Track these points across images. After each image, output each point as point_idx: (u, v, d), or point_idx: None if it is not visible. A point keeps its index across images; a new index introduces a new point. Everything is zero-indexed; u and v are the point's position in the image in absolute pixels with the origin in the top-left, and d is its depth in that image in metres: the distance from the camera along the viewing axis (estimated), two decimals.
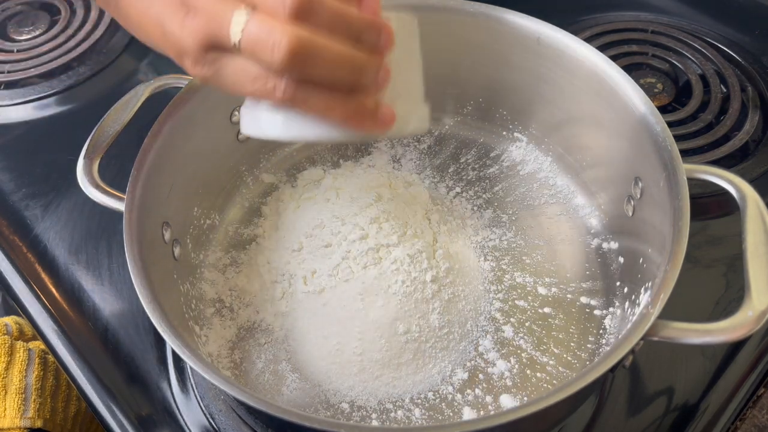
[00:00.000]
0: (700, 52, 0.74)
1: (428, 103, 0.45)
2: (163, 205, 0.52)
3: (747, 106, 0.69)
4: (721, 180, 0.46)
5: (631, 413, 0.52)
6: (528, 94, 0.61)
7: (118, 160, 0.51)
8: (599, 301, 0.55)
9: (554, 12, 0.62)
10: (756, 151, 0.66)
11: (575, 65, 0.55)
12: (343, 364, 0.51)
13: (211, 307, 0.55)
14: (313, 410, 0.50)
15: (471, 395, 0.50)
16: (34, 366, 0.60)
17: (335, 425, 0.38)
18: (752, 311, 0.39)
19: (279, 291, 0.55)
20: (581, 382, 0.39)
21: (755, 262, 0.41)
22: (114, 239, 0.63)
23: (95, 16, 0.83)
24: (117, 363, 0.56)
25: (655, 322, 0.40)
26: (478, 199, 0.62)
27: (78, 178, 0.50)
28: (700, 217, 0.60)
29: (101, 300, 0.59)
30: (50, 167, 0.69)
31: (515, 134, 0.65)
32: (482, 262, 0.58)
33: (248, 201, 0.63)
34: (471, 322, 0.54)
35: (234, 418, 0.53)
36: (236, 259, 0.58)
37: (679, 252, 0.42)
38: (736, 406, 0.52)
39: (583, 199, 0.61)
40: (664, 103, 0.71)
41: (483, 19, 0.58)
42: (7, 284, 0.62)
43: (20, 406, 0.57)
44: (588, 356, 0.52)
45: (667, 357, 0.54)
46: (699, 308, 0.56)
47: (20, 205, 0.67)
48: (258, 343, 0.54)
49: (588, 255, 0.58)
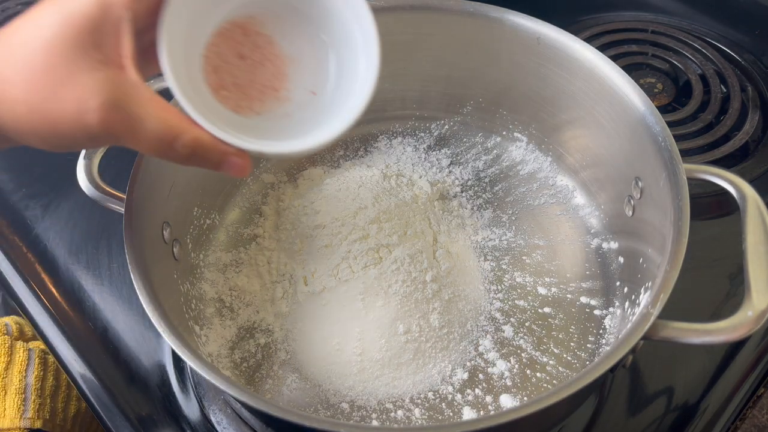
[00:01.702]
0: (700, 52, 0.74)
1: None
2: (163, 205, 0.52)
3: (747, 106, 0.69)
4: (721, 180, 0.46)
5: (631, 413, 0.52)
6: (528, 94, 0.61)
7: (118, 160, 0.51)
8: (599, 301, 0.55)
9: (554, 12, 0.62)
10: (756, 151, 0.66)
11: (575, 65, 0.55)
12: (343, 364, 0.51)
13: (211, 307, 0.55)
14: (313, 410, 0.50)
15: (471, 395, 0.50)
16: (34, 366, 0.60)
17: (335, 425, 0.38)
18: (752, 311, 0.39)
19: (279, 291, 0.55)
20: (581, 382, 0.39)
21: (755, 262, 0.41)
22: (114, 239, 0.63)
23: None
24: (117, 363, 0.56)
25: (655, 322, 0.40)
26: (478, 199, 0.62)
27: (78, 178, 0.50)
28: (700, 217, 0.60)
29: (101, 300, 0.59)
30: (50, 167, 0.69)
31: (515, 134, 0.65)
32: (482, 262, 0.58)
33: (248, 201, 0.63)
34: (471, 322, 0.54)
35: (234, 418, 0.53)
36: (236, 259, 0.58)
37: (679, 252, 0.42)
38: (736, 406, 0.52)
39: (583, 199, 0.61)
40: (664, 103, 0.71)
41: (483, 19, 0.58)
42: (7, 284, 0.62)
43: (20, 407, 0.57)
44: (588, 356, 0.52)
45: (667, 357, 0.54)
46: (699, 308, 0.56)
47: (20, 205, 0.67)
48: (258, 343, 0.54)
49: (588, 255, 0.58)
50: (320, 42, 0.44)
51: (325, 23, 0.44)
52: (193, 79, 0.40)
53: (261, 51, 0.44)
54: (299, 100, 0.44)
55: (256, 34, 0.43)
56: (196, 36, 0.41)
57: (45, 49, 0.35)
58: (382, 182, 0.60)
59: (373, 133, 0.67)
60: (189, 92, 0.38)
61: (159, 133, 0.36)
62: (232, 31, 0.43)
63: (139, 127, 0.36)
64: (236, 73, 0.43)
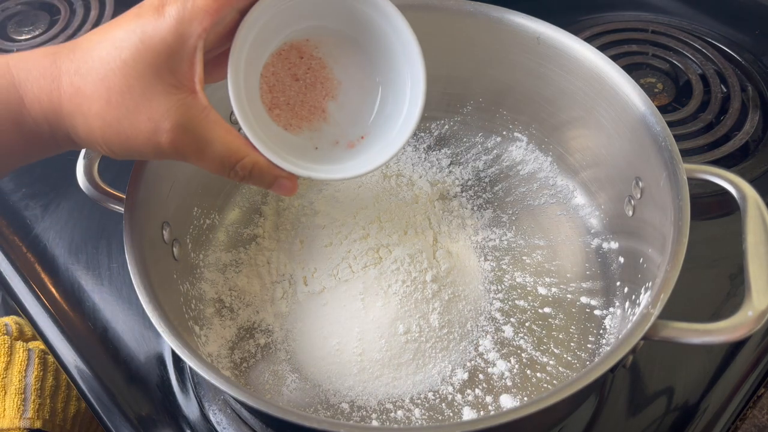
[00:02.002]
0: (700, 52, 0.74)
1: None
2: (163, 205, 0.52)
3: (747, 106, 0.69)
4: (722, 180, 0.46)
5: (631, 413, 0.52)
6: (528, 94, 0.61)
7: (118, 161, 0.51)
8: (599, 301, 0.55)
9: (554, 12, 0.62)
10: (756, 151, 0.66)
11: (575, 65, 0.55)
12: (343, 364, 0.51)
13: (211, 307, 0.55)
14: (313, 410, 0.50)
15: (471, 395, 0.50)
16: (34, 366, 0.60)
17: (335, 425, 0.38)
18: (752, 311, 0.39)
19: (279, 291, 0.55)
20: (581, 382, 0.39)
21: (755, 262, 0.41)
22: (114, 239, 0.63)
23: (95, 16, 0.83)
24: (117, 363, 0.56)
25: (656, 322, 0.40)
26: (478, 199, 0.62)
27: (78, 178, 0.50)
28: (700, 217, 0.60)
29: (101, 300, 0.59)
30: (50, 167, 0.69)
31: (515, 134, 0.65)
32: (482, 262, 0.58)
33: (248, 201, 0.63)
34: (471, 322, 0.54)
35: (234, 418, 0.53)
36: (236, 259, 0.58)
37: (679, 252, 0.42)
38: (736, 406, 0.52)
39: (583, 199, 0.61)
40: (664, 103, 0.71)
41: (483, 19, 0.58)
42: (7, 284, 0.62)
43: (19, 407, 0.57)
44: (588, 356, 0.52)
45: (667, 357, 0.54)
46: (699, 308, 0.56)
47: (20, 205, 0.66)
48: (258, 343, 0.54)
49: (588, 255, 0.58)
50: (369, 72, 0.47)
51: (378, 58, 0.46)
52: (251, 99, 0.43)
53: (314, 73, 0.46)
54: (343, 125, 0.47)
55: (310, 57, 0.46)
56: (257, 59, 0.44)
57: (123, 70, 0.37)
58: (382, 182, 0.60)
59: None
60: (250, 119, 0.41)
61: (223, 155, 0.40)
62: (289, 53, 0.45)
63: (206, 150, 0.39)
64: (289, 93, 0.46)
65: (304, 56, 0.46)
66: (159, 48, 0.37)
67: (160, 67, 0.37)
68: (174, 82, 0.38)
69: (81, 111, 0.38)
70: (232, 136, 0.40)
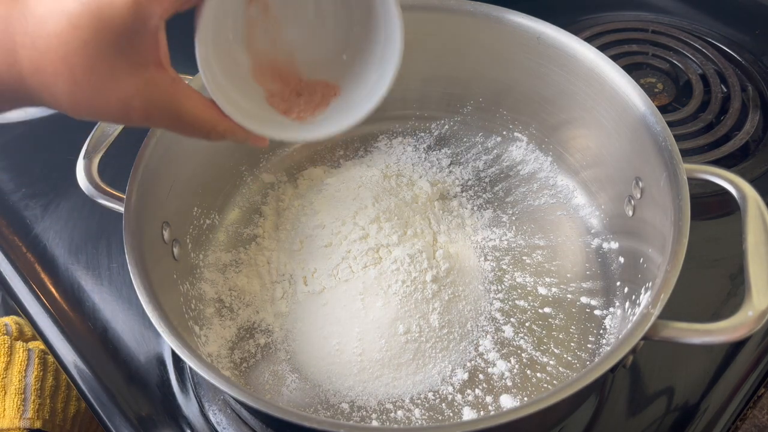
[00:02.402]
0: (700, 52, 0.74)
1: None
2: (163, 205, 0.52)
3: (747, 106, 0.69)
4: (722, 180, 0.46)
5: (631, 413, 0.52)
6: (528, 94, 0.61)
7: (118, 160, 0.51)
8: (599, 301, 0.55)
9: (554, 12, 0.62)
10: (756, 151, 0.66)
11: (575, 65, 0.55)
12: (343, 364, 0.51)
13: (211, 307, 0.55)
14: (313, 410, 0.50)
15: (471, 395, 0.50)
16: (34, 366, 0.60)
17: (335, 425, 0.38)
18: (752, 311, 0.39)
19: (279, 291, 0.55)
20: (581, 382, 0.39)
21: (755, 262, 0.41)
22: (114, 239, 0.63)
23: None
24: (117, 363, 0.56)
25: (656, 322, 0.40)
26: (478, 199, 0.62)
27: (78, 178, 0.50)
28: (700, 217, 0.60)
29: (101, 300, 0.59)
30: (50, 167, 0.69)
31: (515, 134, 0.65)
32: (482, 262, 0.58)
33: (248, 201, 0.63)
34: (471, 322, 0.54)
35: (234, 418, 0.53)
36: (236, 259, 0.58)
37: (679, 252, 0.42)
38: (736, 406, 0.52)
39: (583, 199, 0.61)
40: (665, 103, 0.71)
41: (483, 19, 0.58)
42: (7, 284, 0.62)
43: (19, 407, 0.57)
44: (588, 356, 0.52)
45: (667, 357, 0.54)
46: (699, 308, 0.56)
47: (20, 205, 0.66)
48: (258, 343, 0.54)
49: (588, 255, 0.58)
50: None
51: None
52: (222, 62, 0.43)
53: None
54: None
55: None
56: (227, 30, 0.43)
57: (84, 50, 0.35)
58: (382, 182, 0.60)
59: (373, 133, 0.67)
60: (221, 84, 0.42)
61: (195, 125, 0.41)
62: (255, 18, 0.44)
63: (178, 122, 0.40)
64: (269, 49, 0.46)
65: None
66: (119, 29, 0.35)
67: (123, 46, 0.36)
68: (139, 59, 0.37)
69: (46, 88, 0.37)
70: (202, 105, 0.40)
